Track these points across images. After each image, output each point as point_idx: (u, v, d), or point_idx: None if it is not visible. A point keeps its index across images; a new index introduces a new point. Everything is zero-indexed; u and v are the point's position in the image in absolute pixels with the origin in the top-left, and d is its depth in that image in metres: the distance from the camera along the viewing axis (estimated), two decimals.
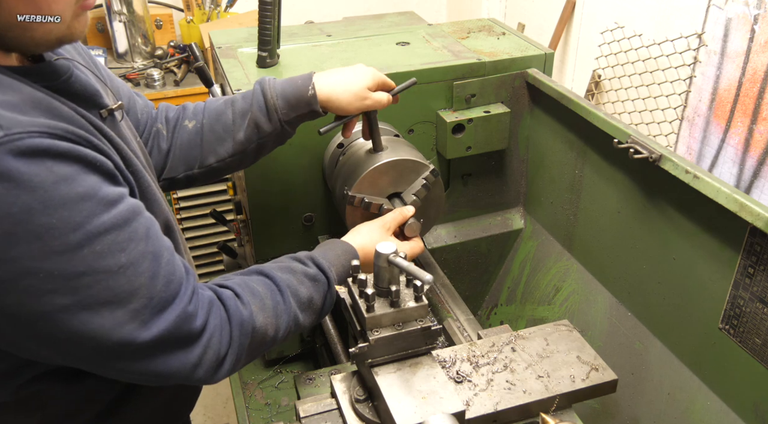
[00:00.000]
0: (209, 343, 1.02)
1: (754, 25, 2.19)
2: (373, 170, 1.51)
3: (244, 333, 1.07)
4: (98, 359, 0.93)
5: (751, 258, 1.29)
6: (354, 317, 1.21)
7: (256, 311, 1.09)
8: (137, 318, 0.91)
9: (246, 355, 1.10)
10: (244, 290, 1.10)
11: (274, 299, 1.13)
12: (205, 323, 1.01)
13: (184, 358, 0.99)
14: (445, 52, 1.85)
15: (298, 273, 1.20)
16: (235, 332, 1.06)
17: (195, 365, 1.00)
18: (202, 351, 1.01)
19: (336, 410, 1.24)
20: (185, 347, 0.98)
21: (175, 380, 1.01)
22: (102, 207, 0.88)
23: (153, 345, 0.94)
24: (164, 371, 0.97)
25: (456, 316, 1.65)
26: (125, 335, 0.90)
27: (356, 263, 1.20)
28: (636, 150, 1.46)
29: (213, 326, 1.03)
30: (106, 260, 0.88)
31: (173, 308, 0.96)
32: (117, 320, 0.89)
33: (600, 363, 1.30)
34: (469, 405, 1.19)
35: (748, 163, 2.32)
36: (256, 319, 1.09)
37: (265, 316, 1.10)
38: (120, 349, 0.91)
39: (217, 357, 1.03)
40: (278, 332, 1.14)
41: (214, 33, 2.03)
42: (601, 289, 1.79)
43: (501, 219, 2.09)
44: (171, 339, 0.96)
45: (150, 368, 0.96)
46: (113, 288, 0.89)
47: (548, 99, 1.80)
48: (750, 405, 1.35)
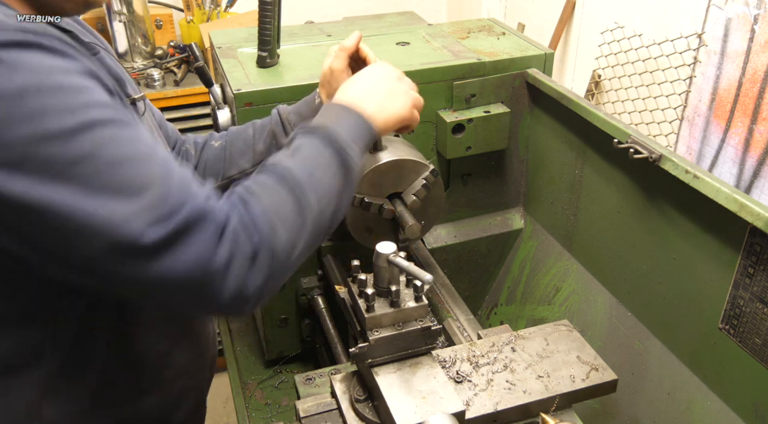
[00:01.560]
0: (234, 244, 0.89)
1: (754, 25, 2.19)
2: (373, 170, 1.51)
3: (273, 231, 0.94)
4: (109, 262, 0.84)
5: (751, 258, 1.29)
6: (354, 317, 1.21)
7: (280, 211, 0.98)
8: (149, 213, 0.83)
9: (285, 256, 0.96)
10: (264, 190, 0.99)
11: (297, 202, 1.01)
12: (227, 223, 0.90)
13: (206, 259, 0.87)
14: (445, 52, 1.85)
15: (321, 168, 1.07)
16: (262, 227, 0.93)
17: (220, 270, 0.88)
18: (227, 254, 0.88)
19: (336, 410, 1.25)
20: (206, 247, 0.87)
21: (198, 299, 0.90)
22: (103, 106, 0.85)
23: (167, 244, 0.84)
24: (183, 279, 0.87)
25: (456, 316, 1.65)
26: (136, 230, 0.83)
27: (356, 263, 1.20)
28: (636, 150, 1.46)
29: (235, 225, 0.91)
30: (108, 149, 0.83)
31: (189, 205, 0.87)
32: (126, 213, 0.82)
33: (600, 363, 1.30)
34: (469, 405, 1.19)
35: (748, 163, 2.32)
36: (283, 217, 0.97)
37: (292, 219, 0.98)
38: (131, 247, 0.83)
39: (245, 258, 0.90)
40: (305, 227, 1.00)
41: (214, 33, 2.03)
42: (601, 289, 1.79)
43: (501, 219, 2.09)
44: (188, 238, 0.86)
45: (165, 274, 0.85)
46: (119, 178, 0.83)
47: (548, 99, 1.80)
48: (750, 405, 1.35)
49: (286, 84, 1.67)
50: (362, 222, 1.58)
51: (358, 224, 1.58)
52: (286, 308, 1.91)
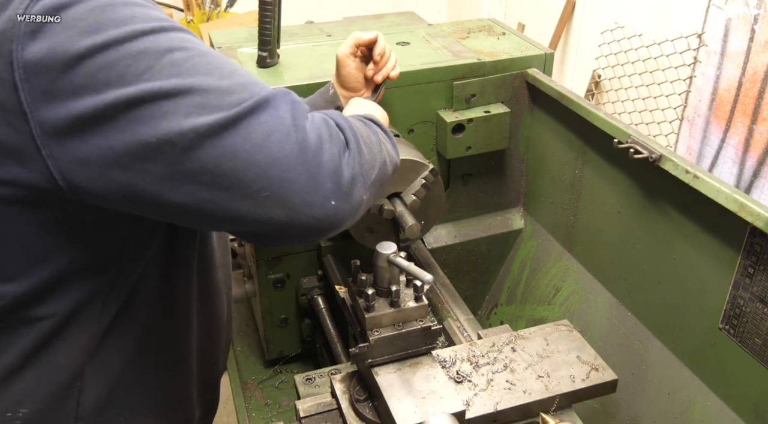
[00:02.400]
0: (323, 126, 0.90)
1: (754, 25, 2.19)
2: None
3: (355, 132, 0.96)
4: (208, 137, 0.82)
5: (751, 258, 1.29)
6: (354, 317, 1.21)
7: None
8: (242, 89, 0.85)
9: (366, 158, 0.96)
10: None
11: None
12: (312, 116, 0.91)
13: (295, 128, 0.86)
14: (445, 52, 1.85)
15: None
16: (347, 126, 0.94)
17: (313, 143, 0.87)
18: (317, 132, 0.88)
19: (336, 410, 1.25)
20: (294, 115, 0.87)
21: (296, 170, 0.86)
22: (174, 24, 0.89)
23: (254, 110, 0.85)
24: (276, 145, 0.85)
25: (456, 316, 1.65)
26: (235, 100, 0.84)
27: (356, 263, 1.20)
28: (636, 150, 1.46)
29: (322, 117, 0.92)
30: (192, 43, 0.86)
31: (272, 89, 0.89)
32: (222, 88, 0.84)
33: (600, 363, 1.30)
34: (469, 405, 1.19)
35: (748, 163, 2.32)
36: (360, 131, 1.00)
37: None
38: (226, 118, 0.83)
39: (338, 140, 0.91)
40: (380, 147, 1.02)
41: (214, 33, 2.03)
42: (601, 289, 1.79)
43: (501, 219, 2.09)
44: (275, 104, 0.87)
45: (259, 139, 0.84)
46: (209, 63, 0.85)
47: (548, 99, 1.80)
48: (750, 405, 1.35)
49: (286, 84, 1.67)
50: (362, 222, 1.58)
51: (359, 225, 1.58)
52: (286, 308, 1.91)
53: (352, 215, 0.92)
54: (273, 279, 1.84)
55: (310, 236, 0.93)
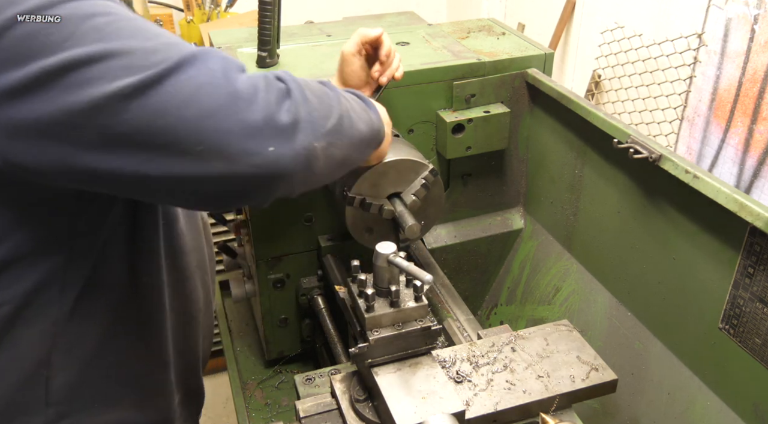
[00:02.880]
0: (260, 78, 0.88)
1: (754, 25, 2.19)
2: (372, 170, 1.51)
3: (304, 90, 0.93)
4: (139, 95, 0.81)
5: (751, 258, 1.29)
6: (354, 317, 1.21)
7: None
8: (168, 47, 0.84)
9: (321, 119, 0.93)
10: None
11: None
12: (250, 78, 0.88)
13: (225, 75, 0.84)
14: (445, 52, 1.85)
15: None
16: (288, 81, 0.92)
17: (245, 89, 0.85)
18: (250, 81, 0.86)
19: (336, 410, 1.25)
20: (223, 67, 0.85)
21: (227, 117, 0.84)
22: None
23: (185, 64, 0.83)
24: (206, 91, 0.83)
25: (456, 316, 1.65)
26: (162, 58, 0.82)
27: (356, 263, 1.20)
28: (636, 150, 1.46)
29: (261, 74, 0.89)
30: (116, 9, 0.85)
31: (207, 53, 0.86)
32: (146, 46, 0.82)
33: (600, 363, 1.30)
34: (469, 405, 1.19)
35: (748, 163, 2.32)
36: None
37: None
38: (156, 74, 0.81)
39: (275, 88, 0.88)
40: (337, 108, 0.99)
41: (214, 33, 2.03)
42: (601, 289, 1.79)
43: (501, 219, 2.09)
44: (207, 59, 0.85)
45: (190, 88, 0.82)
46: (133, 27, 0.84)
47: (548, 99, 1.80)
48: (750, 405, 1.35)
49: None
50: (362, 222, 1.58)
51: (358, 225, 1.58)
52: (286, 308, 1.91)
53: (298, 161, 0.89)
54: (273, 279, 1.84)
55: (255, 189, 0.90)
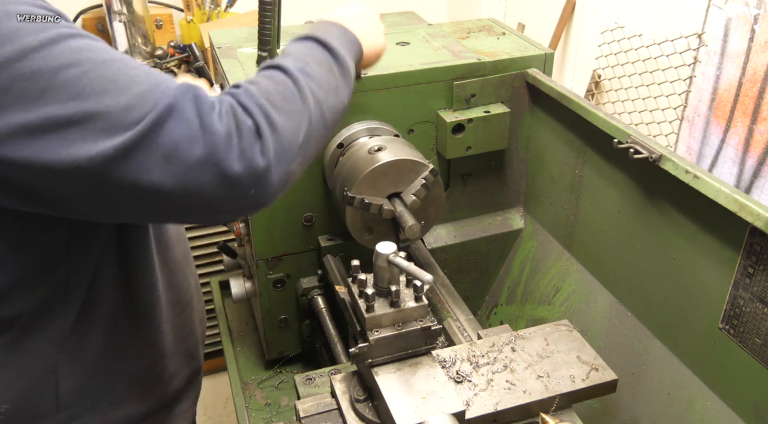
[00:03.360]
0: (231, 117, 0.88)
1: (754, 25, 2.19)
2: (372, 171, 1.52)
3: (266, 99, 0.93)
4: (118, 161, 0.83)
5: (751, 258, 1.29)
6: (354, 317, 1.21)
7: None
8: (142, 103, 0.84)
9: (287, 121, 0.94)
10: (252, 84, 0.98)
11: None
12: (221, 103, 0.90)
13: (203, 129, 0.86)
14: (445, 52, 1.85)
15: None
16: (260, 101, 0.92)
17: (221, 141, 0.86)
18: (225, 127, 0.87)
19: (336, 410, 1.25)
20: (199, 118, 0.86)
21: (211, 178, 0.86)
22: (69, 25, 0.88)
23: (158, 124, 0.84)
24: (186, 154, 0.84)
25: (456, 316, 1.65)
26: (135, 117, 0.83)
27: (356, 263, 1.20)
28: (636, 150, 1.46)
29: (230, 103, 0.91)
30: (83, 52, 0.85)
31: (177, 91, 0.87)
32: (120, 106, 0.83)
33: (600, 363, 1.30)
34: (469, 405, 1.19)
35: (748, 163, 2.32)
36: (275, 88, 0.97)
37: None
38: (129, 140, 0.83)
39: (247, 130, 0.89)
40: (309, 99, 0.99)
41: (214, 33, 2.03)
42: (601, 289, 1.79)
43: (501, 219, 2.09)
44: (177, 116, 0.85)
45: (170, 151, 0.84)
46: (103, 77, 0.84)
47: (548, 99, 1.80)
48: (750, 405, 1.35)
49: None
50: (362, 222, 1.58)
51: (358, 225, 1.58)
52: (286, 308, 1.91)
53: (278, 190, 0.94)
54: (273, 279, 1.84)
55: (237, 217, 1.01)
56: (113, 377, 1.15)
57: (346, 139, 1.70)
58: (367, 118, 1.75)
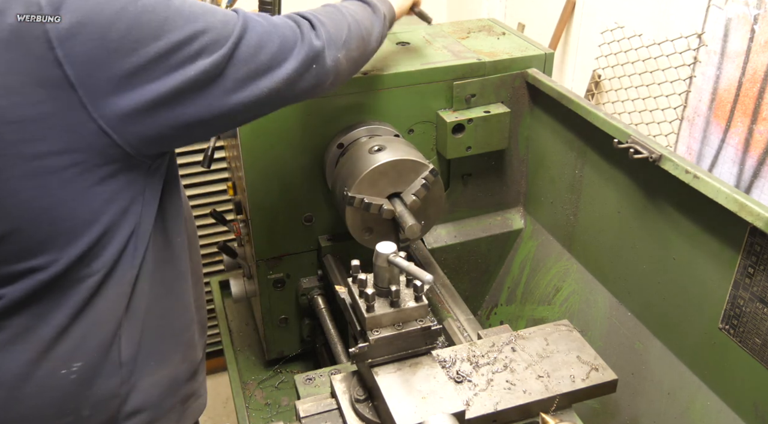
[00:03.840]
0: (295, 21, 1.18)
1: (754, 25, 2.19)
2: (372, 170, 1.52)
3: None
4: (230, 57, 1.06)
5: (751, 258, 1.29)
6: (354, 317, 1.21)
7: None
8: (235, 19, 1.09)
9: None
10: None
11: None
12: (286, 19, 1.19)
13: (288, 29, 1.15)
14: (445, 52, 1.85)
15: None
16: (305, 13, 1.23)
17: (295, 31, 1.16)
18: (294, 24, 1.17)
19: (336, 410, 1.25)
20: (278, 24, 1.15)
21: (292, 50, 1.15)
22: None
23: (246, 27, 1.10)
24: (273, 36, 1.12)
25: (456, 316, 1.65)
26: (239, 25, 1.08)
27: (356, 263, 1.20)
28: (636, 150, 1.46)
29: (289, 16, 1.20)
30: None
31: (245, 14, 1.12)
32: (218, 20, 1.06)
33: (600, 363, 1.30)
34: (469, 405, 1.19)
35: (748, 163, 2.32)
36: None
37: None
38: (238, 37, 1.07)
39: (307, 26, 1.18)
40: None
41: None
42: (601, 289, 1.78)
43: (501, 219, 2.09)
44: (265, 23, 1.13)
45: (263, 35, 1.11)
46: (198, 7, 1.04)
47: (548, 99, 1.80)
48: (750, 405, 1.35)
49: None
50: (362, 222, 1.58)
51: (358, 224, 1.58)
52: (286, 308, 1.91)
53: (331, 70, 1.22)
54: (273, 279, 1.84)
55: (311, 93, 1.23)
56: (160, 336, 1.23)
57: (346, 139, 1.70)
58: (367, 118, 1.75)
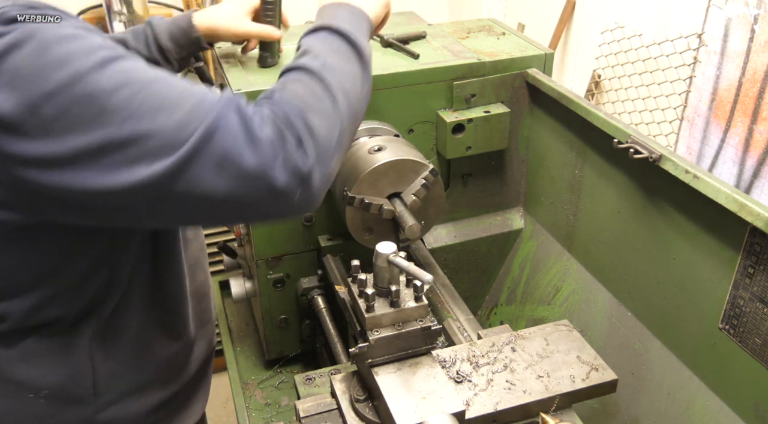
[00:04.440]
0: (273, 126, 0.91)
1: (754, 25, 2.19)
2: (372, 170, 1.52)
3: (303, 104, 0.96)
4: (173, 176, 0.86)
5: (751, 258, 1.29)
6: (354, 317, 1.21)
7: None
8: (191, 120, 0.87)
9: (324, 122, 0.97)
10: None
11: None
12: (260, 113, 0.92)
13: (246, 138, 0.88)
14: (445, 52, 1.85)
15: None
16: (294, 108, 0.94)
17: (268, 150, 0.88)
18: (270, 134, 0.89)
19: (336, 410, 1.25)
20: (242, 129, 0.89)
21: (259, 186, 0.89)
22: (109, 46, 0.89)
23: (206, 138, 0.87)
24: (236, 163, 0.87)
25: (456, 316, 1.65)
26: (185, 135, 0.86)
27: (356, 263, 1.20)
28: (636, 150, 1.46)
29: (266, 113, 0.92)
30: (132, 72, 0.87)
31: (220, 105, 0.90)
32: (173, 123, 0.86)
33: (600, 363, 1.30)
34: (469, 405, 1.19)
35: (748, 163, 2.32)
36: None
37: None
38: (185, 155, 0.86)
39: (287, 138, 0.91)
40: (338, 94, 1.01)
41: None
42: (601, 289, 1.79)
43: (501, 219, 2.09)
44: (225, 126, 0.88)
45: (221, 162, 0.87)
46: (155, 96, 0.86)
47: (548, 99, 1.80)
48: (750, 405, 1.35)
49: None
50: (362, 222, 1.58)
51: (358, 224, 1.58)
52: (286, 308, 1.91)
53: (321, 191, 0.97)
54: (273, 279, 1.84)
55: (287, 218, 1.08)
56: (143, 366, 1.21)
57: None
58: (367, 118, 1.75)
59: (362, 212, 1.54)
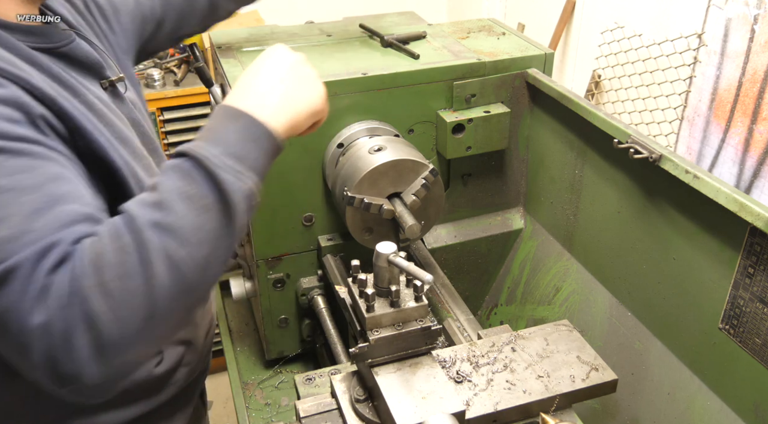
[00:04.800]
0: (51, 308, 0.77)
1: (754, 25, 2.19)
2: (372, 170, 1.52)
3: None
4: None
5: (751, 258, 1.29)
6: (354, 317, 1.21)
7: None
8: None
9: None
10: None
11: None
12: (50, 283, 0.78)
13: (20, 311, 0.77)
14: (445, 52, 1.85)
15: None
16: (81, 296, 0.78)
17: (32, 331, 0.76)
18: (42, 318, 0.76)
19: (336, 410, 1.25)
20: (21, 298, 0.77)
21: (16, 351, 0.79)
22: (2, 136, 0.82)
23: None
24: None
25: (456, 316, 1.65)
26: None
27: (356, 263, 1.20)
28: (636, 150, 1.46)
29: (56, 289, 0.78)
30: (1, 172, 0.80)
31: (25, 264, 0.78)
32: None
33: (600, 363, 1.30)
34: (469, 405, 1.19)
35: (748, 163, 2.32)
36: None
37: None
38: None
39: (60, 327, 0.77)
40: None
41: (214, 33, 2.03)
42: (601, 289, 1.79)
43: (501, 219, 2.09)
44: (8, 283, 0.77)
45: None
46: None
47: (548, 99, 1.80)
48: (750, 405, 1.35)
49: None
50: (362, 222, 1.58)
51: (358, 224, 1.58)
52: (286, 308, 1.91)
53: (105, 381, 0.82)
54: (273, 279, 1.84)
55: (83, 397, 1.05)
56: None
57: (346, 139, 1.70)
58: (367, 118, 1.75)
59: (362, 212, 1.54)
